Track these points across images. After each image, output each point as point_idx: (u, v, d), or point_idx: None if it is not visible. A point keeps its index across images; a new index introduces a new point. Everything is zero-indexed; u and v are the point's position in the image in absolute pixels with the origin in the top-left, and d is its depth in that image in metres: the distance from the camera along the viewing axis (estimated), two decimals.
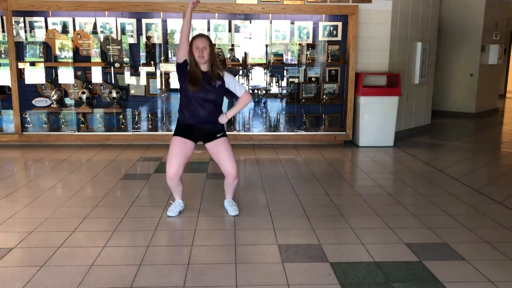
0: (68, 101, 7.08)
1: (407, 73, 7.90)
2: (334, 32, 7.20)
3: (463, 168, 5.97)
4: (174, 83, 7.10)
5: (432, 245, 3.40)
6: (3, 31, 6.70)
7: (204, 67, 3.69)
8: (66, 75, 6.84)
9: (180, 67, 3.68)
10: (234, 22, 7.09)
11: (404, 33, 7.63)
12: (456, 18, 10.61)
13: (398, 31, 7.45)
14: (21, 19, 6.79)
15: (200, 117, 3.72)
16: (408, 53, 7.87)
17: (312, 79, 7.38)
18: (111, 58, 6.92)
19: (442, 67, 10.87)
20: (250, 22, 7.13)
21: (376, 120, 6.97)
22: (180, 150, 3.77)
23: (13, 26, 6.57)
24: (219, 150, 3.82)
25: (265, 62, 7.20)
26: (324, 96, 7.23)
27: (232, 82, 3.82)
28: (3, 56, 6.80)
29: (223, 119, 3.83)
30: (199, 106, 3.70)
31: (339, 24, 7.17)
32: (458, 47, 10.73)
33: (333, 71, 7.36)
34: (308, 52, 7.18)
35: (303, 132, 7.12)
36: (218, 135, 3.85)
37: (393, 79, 7.16)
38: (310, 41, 7.20)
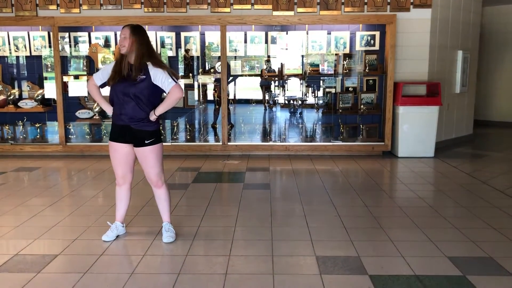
0: None
1: (448, 82, 7.71)
2: (372, 41, 7.13)
3: (508, 179, 5.75)
4: (211, 94, 7.24)
5: (476, 259, 3.28)
6: (50, 46, 7.00)
7: (131, 59, 3.52)
8: (107, 88, 7.04)
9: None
10: (270, 33, 7.14)
11: (444, 42, 7.46)
12: (500, 24, 10.30)
13: (438, 40, 7.29)
14: (66, 34, 7.07)
15: (124, 112, 3.50)
16: (448, 61, 7.68)
17: (350, 89, 7.32)
18: None
19: (485, 75, 10.54)
20: (287, 33, 7.16)
21: (416, 130, 6.83)
22: (117, 161, 3.64)
23: (59, 42, 6.85)
24: (146, 157, 3.58)
25: (301, 72, 7.20)
26: (362, 106, 7.15)
27: (159, 76, 3.46)
28: (49, 70, 7.10)
29: (152, 117, 3.51)
30: (122, 100, 3.53)
31: (377, 33, 7.10)
32: (502, 54, 10.39)
33: (370, 81, 7.27)
34: (345, 62, 7.13)
35: (340, 143, 7.06)
36: (147, 141, 3.55)
37: (433, 89, 7.01)
38: (347, 51, 7.15)
